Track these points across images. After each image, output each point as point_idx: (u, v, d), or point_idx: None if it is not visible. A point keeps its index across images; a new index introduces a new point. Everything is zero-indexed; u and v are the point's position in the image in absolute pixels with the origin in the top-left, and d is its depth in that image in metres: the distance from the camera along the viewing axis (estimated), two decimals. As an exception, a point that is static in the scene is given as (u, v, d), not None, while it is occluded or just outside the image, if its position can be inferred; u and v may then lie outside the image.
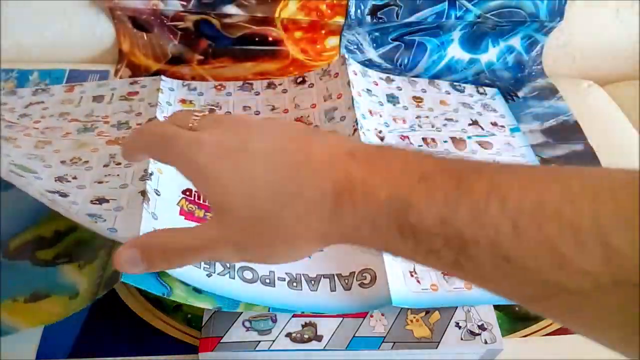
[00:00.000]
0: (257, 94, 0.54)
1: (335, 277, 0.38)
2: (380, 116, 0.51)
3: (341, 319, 0.37)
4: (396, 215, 0.22)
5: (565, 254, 0.19)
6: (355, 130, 0.47)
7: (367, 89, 0.53)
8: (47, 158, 0.43)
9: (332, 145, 0.26)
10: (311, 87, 0.53)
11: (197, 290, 0.35)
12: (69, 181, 0.40)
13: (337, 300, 0.37)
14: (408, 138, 0.50)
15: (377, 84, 0.55)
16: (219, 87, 0.54)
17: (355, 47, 0.60)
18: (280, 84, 0.54)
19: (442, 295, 0.38)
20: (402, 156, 0.24)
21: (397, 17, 0.58)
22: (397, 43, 0.61)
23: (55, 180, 0.40)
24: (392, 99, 0.54)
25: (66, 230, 0.40)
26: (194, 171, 0.27)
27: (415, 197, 0.22)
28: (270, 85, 0.54)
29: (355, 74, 0.53)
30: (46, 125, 0.48)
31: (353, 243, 0.25)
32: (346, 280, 0.38)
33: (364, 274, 0.38)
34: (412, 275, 0.39)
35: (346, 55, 0.55)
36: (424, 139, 0.50)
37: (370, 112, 0.51)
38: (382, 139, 0.48)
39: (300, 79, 0.54)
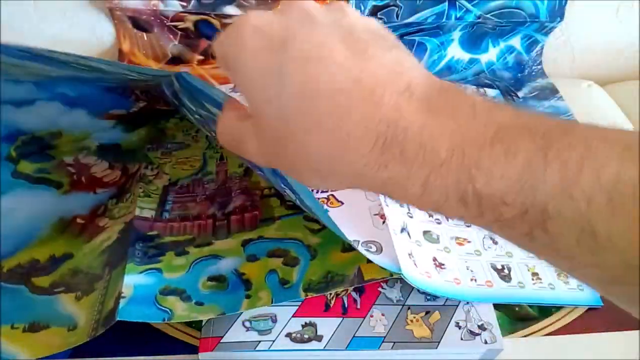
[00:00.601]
0: None
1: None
2: None
3: (341, 318, 0.37)
4: (458, 176, 0.19)
5: None
6: None
7: None
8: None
9: (390, 70, 0.21)
10: None
11: (199, 304, 0.35)
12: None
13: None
14: None
15: None
16: None
17: (355, 47, 0.60)
18: None
19: (437, 282, 0.38)
20: (470, 101, 0.20)
21: (397, 18, 0.58)
22: (397, 43, 0.61)
23: None
24: None
25: (61, 256, 0.40)
26: (228, 55, 0.23)
27: (487, 157, 0.18)
28: None
29: None
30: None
31: (392, 197, 0.21)
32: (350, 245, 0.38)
33: (369, 245, 0.37)
34: (410, 257, 0.38)
35: None
36: None
37: None
38: None
39: None
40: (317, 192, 0.42)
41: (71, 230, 0.42)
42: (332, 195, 0.41)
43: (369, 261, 0.36)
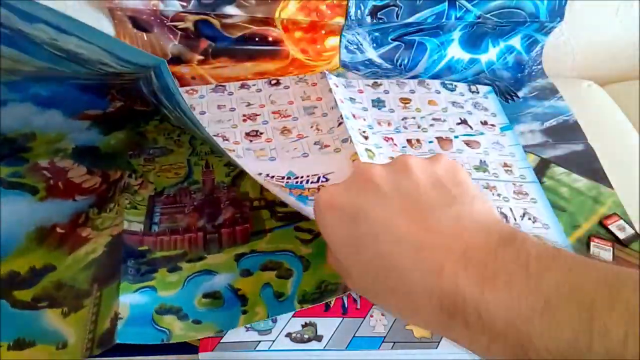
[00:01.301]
0: (231, 94, 0.55)
1: None
2: (364, 120, 0.52)
3: (341, 318, 0.37)
4: (514, 347, 0.21)
5: None
6: (341, 123, 0.49)
7: (350, 98, 0.54)
8: None
9: (449, 234, 0.24)
10: (287, 88, 0.55)
11: (196, 322, 0.35)
12: None
13: None
14: (392, 139, 0.50)
15: (362, 92, 0.56)
16: (191, 91, 0.55)
17: (355, 47, 0.60)
18: (253, 85, 0.56)
19: None
20: (524, 262, 0.22)
21: (397, 18, 0.58)
22: (397, 43, 0.61)
23: None
24: (378, 103, 0.55)
25: (42, 268, 0.39)
26: (319, 225, 0.29)
27: (538, 330, 0.20)
28: (243, 86, 0.56)
29: (337, 86, 0.54)
30: None
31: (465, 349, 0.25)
32: None
33: None
34: None
35: (326, 72, 0.56)
36: (408, 141, 0.51)
37: (354, 115, 0.51)
38: (366, 138, 0.49)
39: (274, 81, 0.56)
40: (308, 183, 0.43)
41: (51, 241, 0.40)
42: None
43: None
